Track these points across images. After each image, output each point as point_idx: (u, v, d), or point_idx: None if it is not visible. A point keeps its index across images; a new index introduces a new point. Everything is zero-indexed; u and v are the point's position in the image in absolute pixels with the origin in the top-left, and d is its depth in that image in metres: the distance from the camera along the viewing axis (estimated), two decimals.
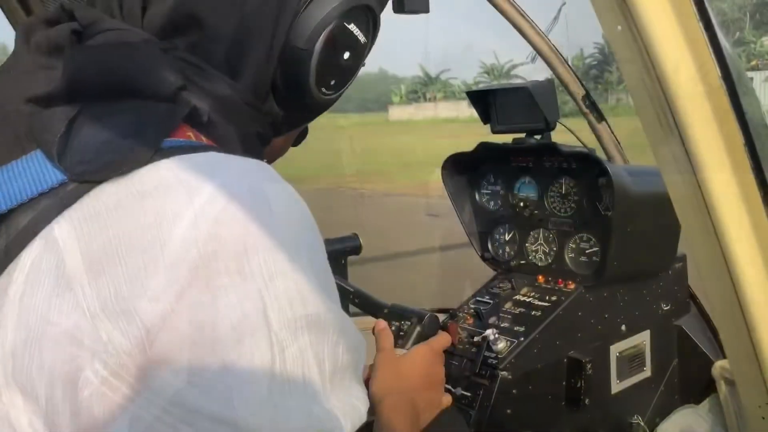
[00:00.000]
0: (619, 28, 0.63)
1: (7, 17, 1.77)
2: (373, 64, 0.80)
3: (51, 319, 0.50)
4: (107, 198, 0.52)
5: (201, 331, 0.49)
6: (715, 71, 0.61)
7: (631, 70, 0.65)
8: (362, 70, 0.79)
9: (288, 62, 0.68)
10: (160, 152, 0.54)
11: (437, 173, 1.96)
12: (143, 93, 0.58)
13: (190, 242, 0.50)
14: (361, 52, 0.74)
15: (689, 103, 0.63)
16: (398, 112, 64.03)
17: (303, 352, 0.53)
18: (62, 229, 0.51)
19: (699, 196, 0.68)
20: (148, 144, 0.54)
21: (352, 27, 0.71)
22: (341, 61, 0.72)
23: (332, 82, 0.72)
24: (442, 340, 1.16)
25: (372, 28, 0.75)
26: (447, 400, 1.13)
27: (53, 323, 0.49)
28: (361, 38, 0.73)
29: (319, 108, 0.76)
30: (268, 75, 0.68)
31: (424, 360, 1.10)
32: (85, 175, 0.53)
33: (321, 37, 0.68)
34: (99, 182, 0.53)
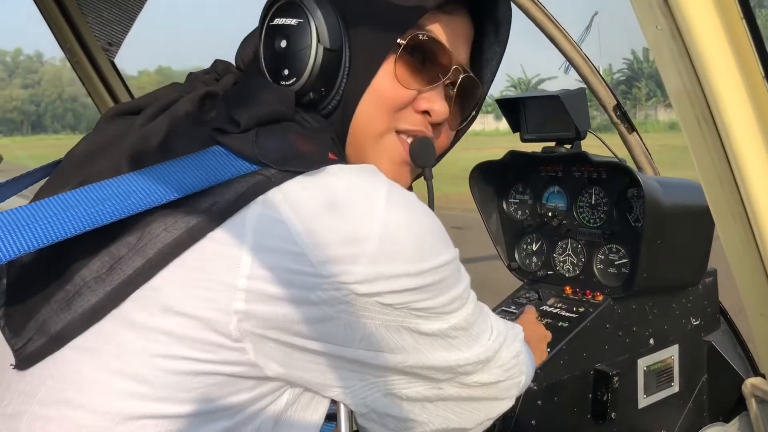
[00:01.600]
0: (659, 27, 0.62)
1: (55, 35, 1.81)
2: None
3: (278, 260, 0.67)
4: (310, 183, 0.70)
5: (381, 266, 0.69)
6: (758, 69, 0.60)
7: (670, 69, 0.64)
8: None
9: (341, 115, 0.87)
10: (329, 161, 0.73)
11: (461, 186, 1.95)
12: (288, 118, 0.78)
13: (382, 232, 0.69)
14: (298, 35, 0.81)
15: (730, 103, 0.62)
16: None
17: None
18: (279, 199, 0.68)
19: (738, 200, 0.67)
20: (321, 149, 0.75)
21: (276, 21, 0.83)
22: (280, 49, 0.82)
23: (285, 72, 0.82)
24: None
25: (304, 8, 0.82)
26: (549, 335, 1.37)
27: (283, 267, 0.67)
28: (292, 22, 0.81)
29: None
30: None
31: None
32: (285, 165, 0.70)
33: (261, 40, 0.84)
34: (296, 173, 0.70)
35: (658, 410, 1.75)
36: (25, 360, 0.68)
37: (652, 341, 1.72)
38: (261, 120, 0.75)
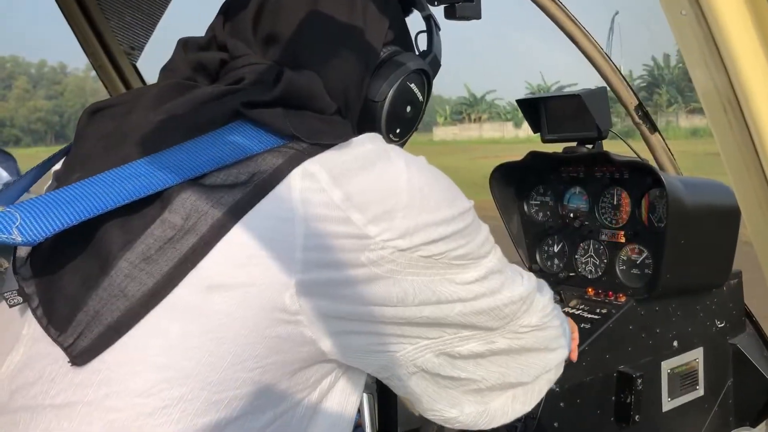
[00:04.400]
0: (684, 12, 0.62)
1: (79, 40, 1.84)
2: None
3: (324, 229, 0.69)
4: (344, 156, 0.73)
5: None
6: None
7: (695, 56, 0.63)
8: None
9: (365, 113, 0.88)
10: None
11: (481, 193, 1.94)
12: (315, 108, 0.79)
13: (409, 186, 0.74)
14: (419, 107, 0.93)
15: (757, 89, 0.61)
16: (442, 132, 64.06)
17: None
18: (319, 172, 0.71)
19: (766, 190, 0.66)
20: (343, 130, 0.78)
21: (412, 86, 0.91)
22: (405, 113, 0.91)
23: (398, 131, 0.92)
24: None
25: (427, 88, 0.94)
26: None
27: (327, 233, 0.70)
28: (419, 96, 0.92)
29: None
30: (355, 121, 0.88)
31: None
32: (316, 138, 0.73)
33: (390, 92, 0.88)
34: (326, 146, 0.73)
35: (683, 414, 1.72)
36: (80, 355, 0.67)
37: (676, 343, 1.70)
38: (299, 100, 0.78)
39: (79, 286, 0.69)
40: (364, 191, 0.72)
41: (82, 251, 0.70)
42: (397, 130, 0.92)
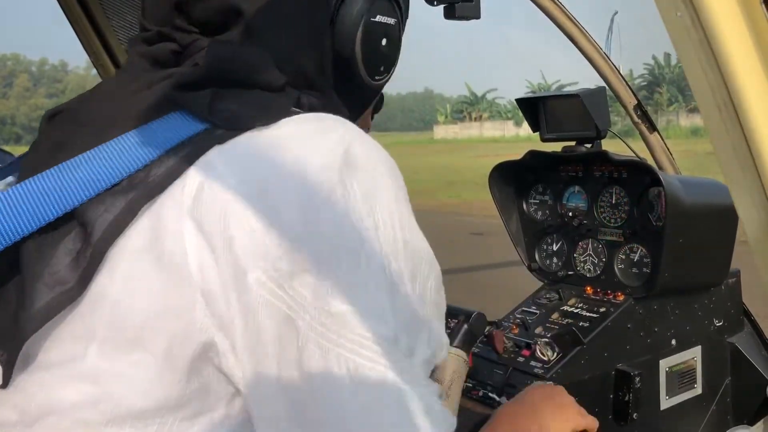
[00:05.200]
0: (679, 14, 0.62)
1: (80, 38, 1.84)
2: (418, 83, 0.87)
3: (222, 232, 0.60)
4: (253, 140, 0.64)
5: (334, 239, 0.62)
6: None
7: (690, 57, 0.64)
8: (408, 90, 0.95)
9: (340, 69, 0.79)
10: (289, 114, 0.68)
11: (481, 192, 1.95)
12: (259, 85, 0.71)
13: (327, 171, 0.62)
14: (397, 34, 0.84)
15: (751, 92, 0.62)
16: (443, 131, 64.06)
17: (403, 269, 0.65)
18: (219, 163, 0.63)
19: (761, 189, 0.66)
20: (279, 109, 0.68)
21: (378, 18, 0.81)
22: (382, 48, 0.82)
23: (381, 68, 0.83)
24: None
25: (398, 6, 0.84)
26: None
27: (226, 237, 0.60)
28: (392, 20, 0.82)
29: (379, 89, 0.85)
30: (328, 82, 0.79)
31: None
32: (233, 123, 0.65)
33: (358, 36, 0.78)
34: (244, 130, 0.64)
35: (681, 412, 1.73)
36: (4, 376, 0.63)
37: (674, 342, 1.71)
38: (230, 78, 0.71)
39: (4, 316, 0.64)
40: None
41: (6, 278, 0.65)
42: (381, 68, 0.83)
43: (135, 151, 0.64)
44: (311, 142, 0.65)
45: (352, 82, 0.81)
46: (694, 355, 1.75)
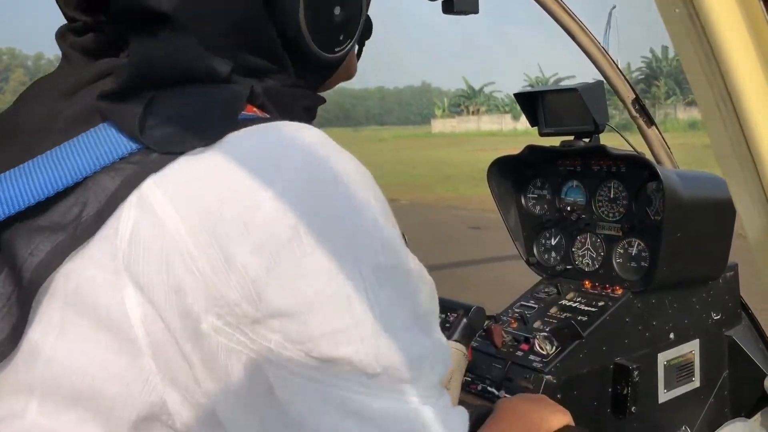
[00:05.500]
0: (677, 10, 0.62)
1: None
2: (416, 77, 0.80)
3: (165, 281, 0.53)
4: (195, 166, 0.55)
5: (300, 281, 0.54)
6: None
7: (688, 53, 0.64)
8: (405, 84, 0.83)
9: (291, 50, 0.70)
10: (235, 124, 0.58)
11: (479, 187, 1.96)
12: (200, 78, 0.61)
13: (281, 210, 0.54)
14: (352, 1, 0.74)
15: (749, 87, 0.62)
16: (440, 125, 64.03)
17: (392, 295, 0.58)
18: (156, 196, 0.54)
19: (758, 185, 0.67)
20: (224, 118, 0.59)
21: None
22: (335, 18, 0.72)
23: (340, 37, 0.74)
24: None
25: None
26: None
27: (170, 285, 0.53)
28: None
29: (342, 58, 0.77)
30: (282, 64, 0.70)
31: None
32: (169, 145, 0.56)
33: (300, 12, 0.68)
34: (181, 153, 0.56)
35: (679, 405, 1.74)
36: None
37: (672, 336, 1.71)
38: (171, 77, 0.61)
39: None
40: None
41: None
42: (340, 37, 0.74)
43: (62, 170, 0.56)
44: (263, 169, 0.55)
45: (307, 60, 0.72)
46: (692, 348, 1.76)
